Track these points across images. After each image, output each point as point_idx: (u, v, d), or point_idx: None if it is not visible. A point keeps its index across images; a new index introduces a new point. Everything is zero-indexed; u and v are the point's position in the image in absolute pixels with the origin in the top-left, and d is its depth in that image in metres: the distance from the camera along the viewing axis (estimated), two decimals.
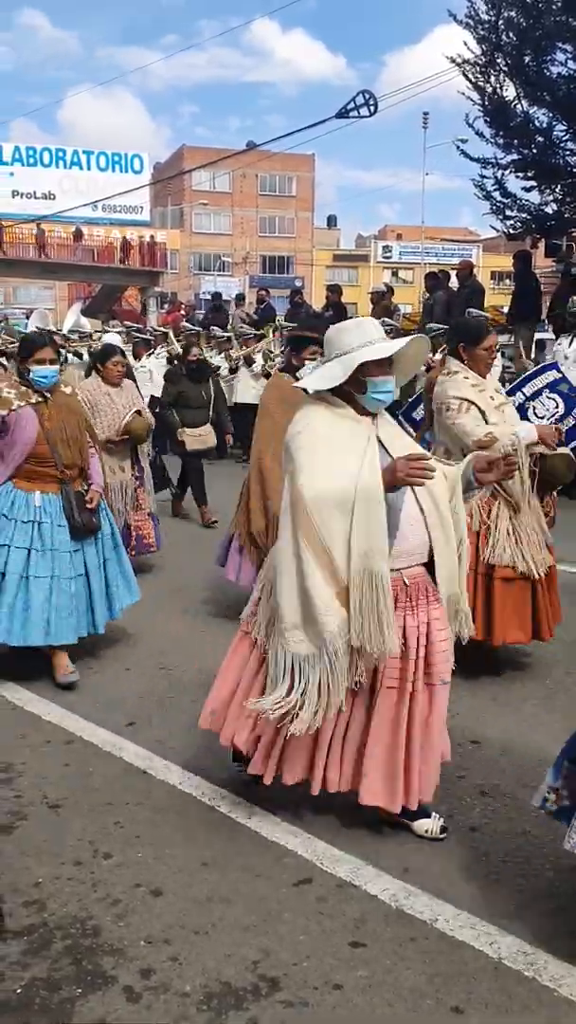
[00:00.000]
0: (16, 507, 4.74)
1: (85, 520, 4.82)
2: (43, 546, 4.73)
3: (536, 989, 2.52)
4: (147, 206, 46.73)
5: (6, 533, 4.72)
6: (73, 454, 4.83)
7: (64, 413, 4.86)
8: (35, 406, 4.78)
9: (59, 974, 2.59)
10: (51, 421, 4.77)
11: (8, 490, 4.77)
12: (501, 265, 38.51)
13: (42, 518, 4.74)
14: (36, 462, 4.76)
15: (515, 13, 15.72)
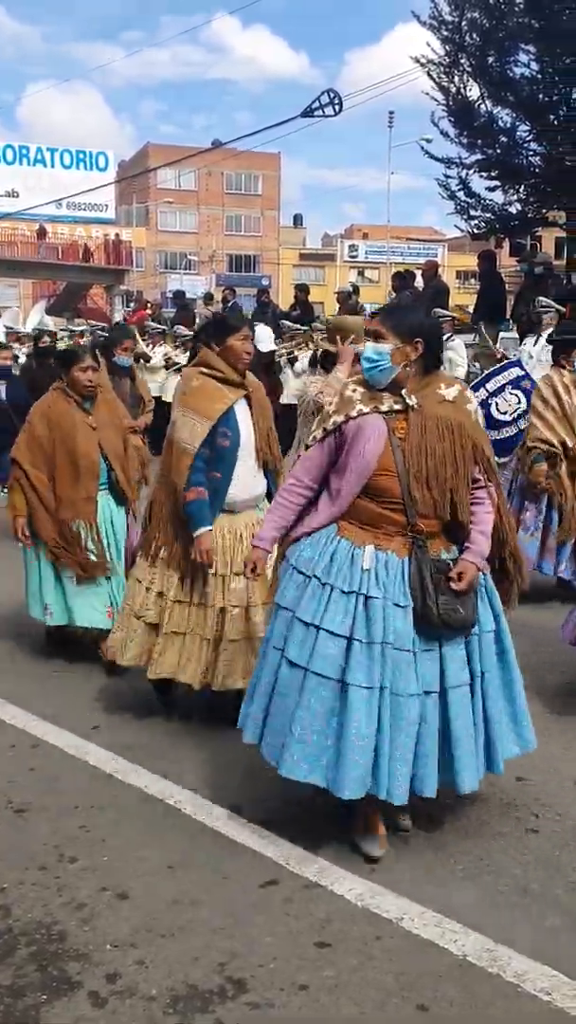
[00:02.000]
0: (336, 566, 3.14)
1: (446, 609, 3.07)
2: (370, 635, 3.06)
3: (500, 986, 2.54)
4: (112, 204, 46.55)
5: (314, 605, 3.11)
6: (437, 497, 3.12)
7: (432, 433, 3.13)
8: (387, 415, 3.15)
9: (24, 980, 2.57)
10: (409, 442, 3.12)
11: (328, 536, 3.20)
12: (466, 264, 38.72)
13: (371, 589, 3.09)
14: (378, 500, 3.15)
15: (478, 14, 15.84)
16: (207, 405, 4.00)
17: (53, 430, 4.91)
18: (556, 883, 3.03)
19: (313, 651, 3.06)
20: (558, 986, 2.53)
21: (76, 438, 4.88)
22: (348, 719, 2.98)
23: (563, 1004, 2.47)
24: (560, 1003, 2.47)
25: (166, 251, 57.62)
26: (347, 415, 3.17)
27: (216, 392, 4.03)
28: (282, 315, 15.30)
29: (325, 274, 55.09)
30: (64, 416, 4.93)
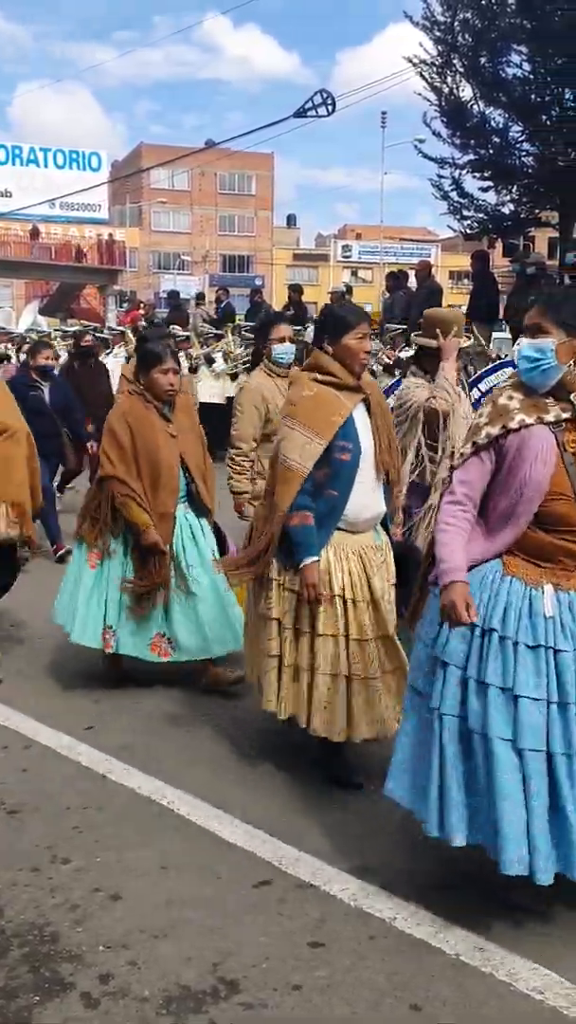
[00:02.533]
0: (512, 613, 2.71)
1: None
2: (563, 695, 2.65)
3: (493, 984, 2.55)
4: (105, 204, 46.55)
5: (502, 667, 2.69)
6: None
7: None
8: (554, 426, 2.74)
9: (16, 982, 2.57)
10: None
11: (494, 574, 2.79)
12: (459, 265, 38.81)
13: (559, 642, 2.68)
14: (554, 530, 2.75)
15: (471, 15, 15.88)
16: (322, 419, 3.48)
17: (135, 438, 4.47)
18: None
19: (518, 723, 2.63)
20: (550, 985, 2.53)
21: (158, 447, 4.46)
22: (562, 793, 2.63)
23: (555, 1003, 2.47)
24: (552, 1002, 2.47)
25: (159, 251, 57.59)
26: (505, 427, 2.72)
27: (332, 402, 3.51)
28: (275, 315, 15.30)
29: (319, 274, 55.21)
30: (144, 423, 4.49)
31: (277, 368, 5.16)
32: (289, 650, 3.54)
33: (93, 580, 4.57)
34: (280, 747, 4.01)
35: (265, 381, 5.16)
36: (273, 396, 5.12)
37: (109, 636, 4.55)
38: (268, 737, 4.09)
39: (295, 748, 3.99)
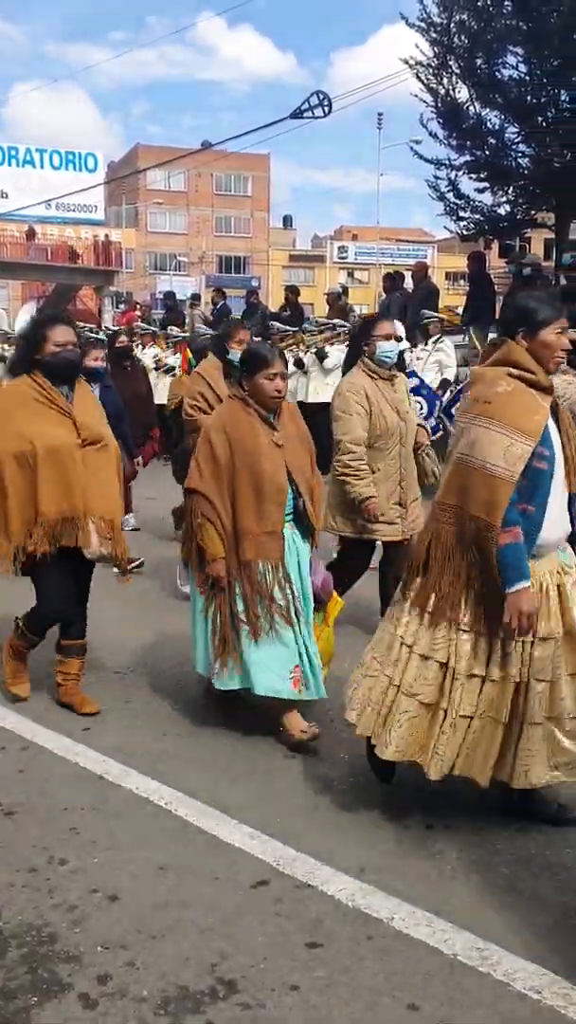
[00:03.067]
0: None
1: None
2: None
3: (490, 984, 2.55)
4: (102, 205, 46.51)
5: None
6: None
7: None
8: None
9: (14, 983, 2.57)
10: None
11: None
12: (455, 266, 38.81)
13: None
14: None
15: (467, 16, 15.92)
16: (525, 417, 3.09)
17: (234, 449, 4.01)
18: (545, 882, 3.04)
19: None
20: (548, 984, 2.54)
21: (261, 459, 3.99)
22: None
23: (553, 1002, 2.47)
24: (550, 1001, 2.48)
25: (155, 252, 57.60)
26: None
27: (531, 401, 3.14)
28: (272, 316, 15.32)
29: (315, 275, 55.21)
30: (247, 432, 4.03)
31: (379, 369, 5.07)
32: (454, 698, 3.16)
33: (199, 603, 4.19)
34: (277, 748, 4.02)
35: (366, 382, 5.06)
36: (377, 398, 5.03)
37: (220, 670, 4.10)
38: (266, 738, 4.09)
39: (292, 749, 4.00)
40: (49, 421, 4.24)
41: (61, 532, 4.19)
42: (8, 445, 4.22)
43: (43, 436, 4.19)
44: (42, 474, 4.18)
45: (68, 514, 4.20)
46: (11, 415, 4.27)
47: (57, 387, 4.30)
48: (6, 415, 4.29)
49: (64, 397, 4.32)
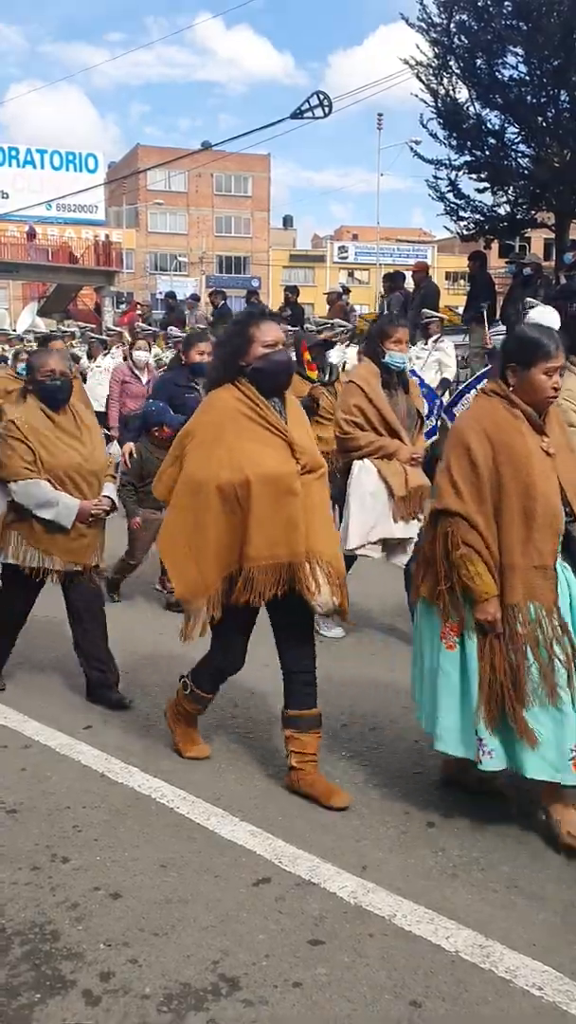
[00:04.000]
0: None
1: None
2: None
3: (492, 980, 2.56)
4: (102, 205, 46.55)
5: None
6: None
7: None
8: None
9: (17, 980, 2.57)
10: None
11: None
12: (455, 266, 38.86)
13: None
14: None
15: (467, 16, 15.92)
16: None
17: (499, 458, 3.20)
18: (547, 879, 3.05)
19: None
20: (550, 981, 2.54)
21: (532, 471, 3.17)
22: None
23: (555, 999, 2.48)
24: (552, 998, 2.48)
25: (156, 252, 57.60)
26: None
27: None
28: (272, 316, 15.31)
29: (315, 275, 55.22)
30: (513, 436, 3.22)
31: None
32: None
33: (455, 666, 3.29)
34: (279, 746, 4.02)
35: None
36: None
37: (484, 750, 3.24)
38: (266, 736, 4.10)
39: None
40: (262, 443, 3.47)
41: (272, 580, 3.43)
42: (213, 473, 3.44)
43: (257, 463, 3.41)
44: (256, 510, 3.39)
45: (285, 559, 3.43)
46: (219, 436, 3.48)
47: (267, 399, 3.55)
48: (214, 436, 3.50)
49: (277, 412, 3.56)
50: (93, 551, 4.53)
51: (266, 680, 4.24)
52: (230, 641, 3.70)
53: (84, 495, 4.42)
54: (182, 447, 3.61)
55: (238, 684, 4.68)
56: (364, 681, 4.82)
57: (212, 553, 3.47)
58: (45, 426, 4.41)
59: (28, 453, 4.33)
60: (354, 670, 4.99)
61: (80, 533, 4.43)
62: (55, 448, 4.39)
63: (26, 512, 4.36)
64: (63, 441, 4.43)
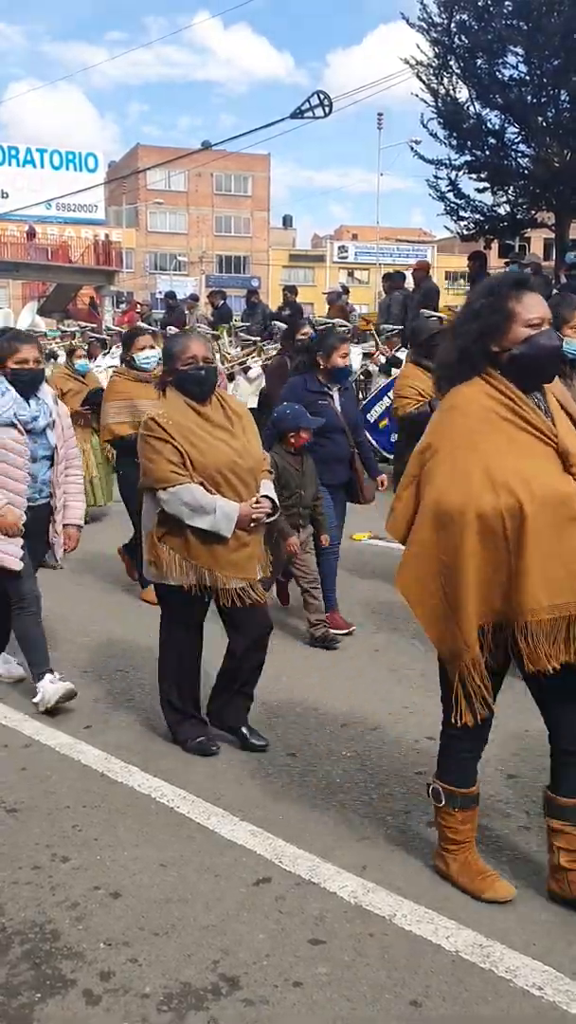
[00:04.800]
0: None
1: None
2: None
3: (492, 980, 2.56)
4: (102, 205, 46.56)
5: None
6: None
7: None
8: None
9: (18, 979, 2.57)
10: None
11: None
12: (455, 266, 38.86)
13: None
14: None
15: (467, 16, 15.93)
16: None
17: None
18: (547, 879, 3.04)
19: None
20: (550, 981, 2.55)
21: None
22: None
23: (555, 999, 2.48)
24: (552, 997, 2.48)
25: (156, 252, 57.61)
26: None
27: None
28: (272, 316, 15.33)
29: (315, 275, 55.24)
30: None
31: None
32: None
33: None
34: (279, 745, 4.03)
35: None
36: None
37: None
38: (267, 735, 4.09)
39: (293, 746, 4.01)
40: (528, 454, 2.70)
41: (560, 637, 2.68)
42: (470, 497, 2.66)
43: (527, 480, 2.64)
44: (532, 545, 2.62)
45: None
46: (472, 448, 2.70)
47: (527, 394, 2.78)
48: (465, 448, 2.71)
49: (541, 411, 2.78)
50: (258, 562, 3.89)
51: (265, 679, 4.23)
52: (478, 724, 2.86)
53: (241, 497, 3.78)
54: (420, 465, 2.82)
55: None
56: (365, 680, 4.82)
57: (471, 602, 2.70)
58: (191, 421, 3.79)
59: (175, 454, 3.71)
60: (355, 669, 4.99)
61: (241, 542, 3.78)
62: (205, 445, 3.76)
63: (178, 523, 3.73)
64: (213, 436, 3.81)
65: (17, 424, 4.32)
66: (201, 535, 3.72)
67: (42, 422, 4.43)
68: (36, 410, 4.42)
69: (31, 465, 4.39)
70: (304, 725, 4.26)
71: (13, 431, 4.32)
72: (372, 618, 5.83)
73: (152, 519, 3.85)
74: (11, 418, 4.31)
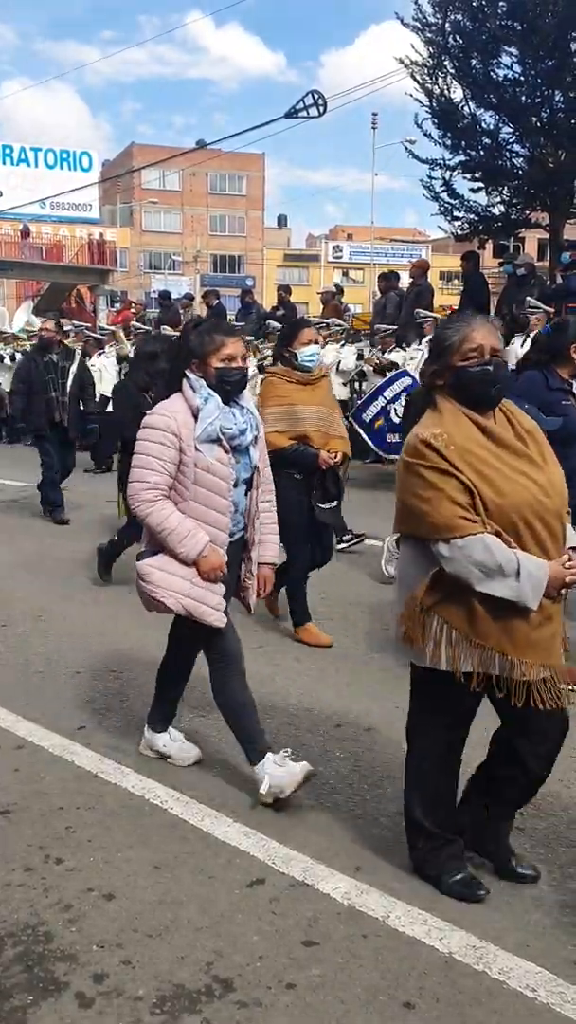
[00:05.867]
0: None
1: None
2: None
3: (486, 982, 2.56)
4: (96, 204, 46.50)
5: None
6: None
7: None
8: None
9: (10, 982, 2.57)
10: None
11: None
12: (450, 265, 38.85)
13: None
14: None
15: (462, 16, 15.93)
16: None
17: None
18: (541, 881, 3.04)
19: None
20: (543, 983, 2.55)
21: None
22: None
23: (548, 1000, 2.48)
24: (545, 999, 2.49)
25: (150, 251, 57.56)
26: None
27: None
28: (266, 315, 15.32)
29: (309, 275, 55.24)
30: None
31: None
32: None
33: None
34: (272, 746, 4.02)
35: None
36: None
37: None
38: None
39: (287, 747, 4.00)
40: None
41: None
42: None
43: None
44: None
45: None
46: None
47: None
48: None
49: None
50: (560, 642, 2.84)
51: (258, 680, 4.23)
52: None
53: (546, 551, 2.75)
54: None
55: None
56: (359, 681, 4.82)
57: None
58: (477, 443, 2.77)
59: (463, 492, 2.70)
60: (349, 670, 4.99)
61: (546, 615, 2.76)
62: (500, 479, 2.73)
63: (461, 588, 2.73)
64: (509, 466, 2.76)
65: (223, 440, 3.45)
66: (493, 605, 2.71)
67: (248, 437, 3.55)
68: (243, 422, 3.52)
69: (233, 491, 3.53)
70: (297, 726, 4.26)
71: (218, 449, 3.44)
72: (367, 620, 5.83)
73: (417, 579, 2.84)
74: (216, 432, 3.42)
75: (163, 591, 3.47)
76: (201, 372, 3.48)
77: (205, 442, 3.41)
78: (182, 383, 3.50)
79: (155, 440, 3.43)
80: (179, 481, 3.46)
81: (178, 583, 3.47)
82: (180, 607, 3.48)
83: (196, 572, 3.45)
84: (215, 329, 3.55)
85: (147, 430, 3.47)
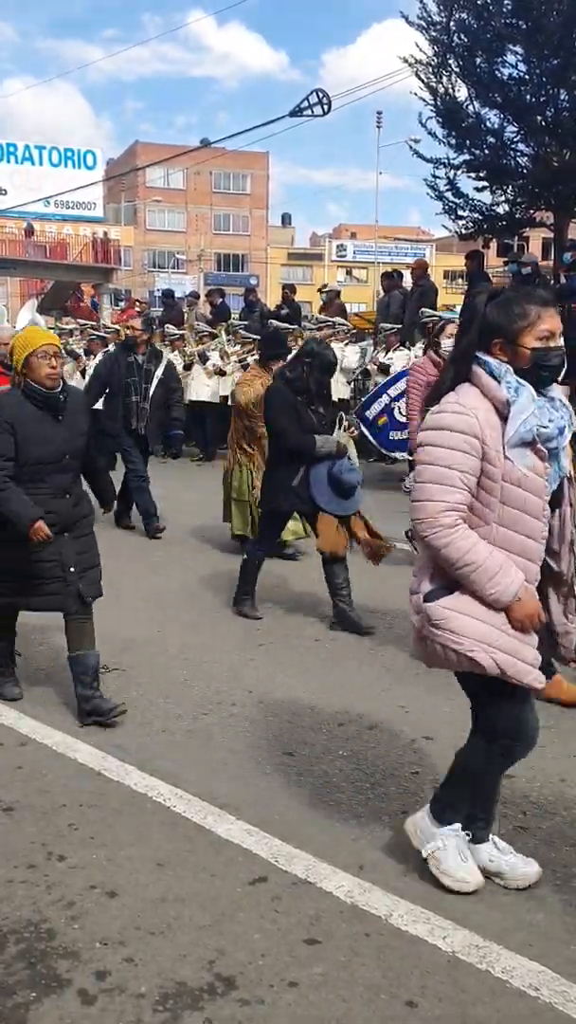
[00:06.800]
0: None
1: None
2: None
3: (489, 981, 2.55)
4: (100, 202, 46.53)
5: None
6: None
7: None
8: None
9: (12, 979, 2.57)
10: None
11: None
12: (454, 264, 38.83)
13: None
14: None
15: (466, 15, 15.90)
16: None
17: None
18: (544, 880, 3.04)
19: None
20: (546, 982, 2.54)
21: None
22: None
23: (551, 1000, 2.48)
24: (548, 999, 2.48)
25: (154, 250, 57.56)
26: None
27: None
28: (270, 314, 15.31)
29: (313, 273, 55.18)
30: None
31: None
32: None
33: None
34: (276, 744, 4.02)
35: None
36: None
37: None
38: (264, 735, 4.09)
39: (290, 745, 4.00)
40: None
41: None
42: None
43: None
44: None
45: None
46: None
47: None
48: None
49: None
50: None
51: (261, 679, 4.22)
52: None
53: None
54: None
55: (235, 681, 4.69)
56: (362, 679, 4.82)
57: None
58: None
59: None
60: (352, 668, 4.98)
61: None
62: None
63: None
64: None
65: (539, 443, 2.68)
66: None
67: (567, 437, 2.78)
68: (561, 418, 2.73)
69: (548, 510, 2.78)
70: (301, 724, 4.25)
71: (531, 455, 2.68)
72: (368, 617, 5.82)
73: None
74: (532, 434, 2.65)
75: (470, 642, 2.68)
76: (508, 355, 2.69)
77: (516, 447, 2.64)
78: (471, 369, 2.71)
79: (453, 446, 2.63)
80: (480, 499, 2.67)
81: (484, 631, 2.70)
82: (492, 663, 2.69)
83: (506, 618, 2.71)
84: (527, 298, 2.71)
85: (442, 433, 2.66)
